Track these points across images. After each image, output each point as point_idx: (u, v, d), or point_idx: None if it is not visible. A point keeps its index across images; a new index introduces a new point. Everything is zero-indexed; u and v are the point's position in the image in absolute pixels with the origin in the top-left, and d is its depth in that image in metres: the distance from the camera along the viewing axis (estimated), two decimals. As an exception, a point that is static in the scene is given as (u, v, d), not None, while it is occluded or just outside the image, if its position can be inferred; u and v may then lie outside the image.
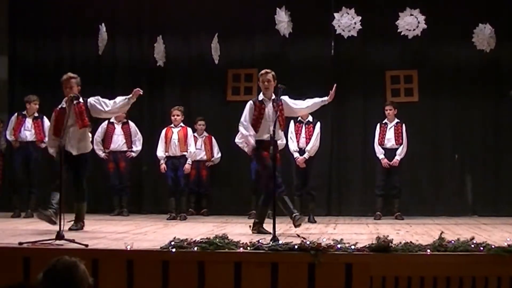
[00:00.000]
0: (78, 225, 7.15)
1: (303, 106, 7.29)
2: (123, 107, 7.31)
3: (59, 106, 7.23)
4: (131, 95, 7.11)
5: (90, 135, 7.63)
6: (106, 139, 9.74)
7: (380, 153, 9.56)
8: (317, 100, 7.27)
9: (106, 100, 7.25)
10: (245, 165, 9.70)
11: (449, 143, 10.23)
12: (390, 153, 9.54)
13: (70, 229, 6.86)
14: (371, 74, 10.24)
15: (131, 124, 9.88)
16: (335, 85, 7.20)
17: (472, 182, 10.15)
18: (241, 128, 7.17)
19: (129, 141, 9.82)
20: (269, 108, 7.06)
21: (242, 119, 7.15)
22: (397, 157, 9.50)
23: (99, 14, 10.21)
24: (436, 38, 9.92)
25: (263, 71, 7.18)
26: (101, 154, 9.66)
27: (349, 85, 10.23)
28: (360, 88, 10.28)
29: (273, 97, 7.09)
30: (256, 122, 7.09)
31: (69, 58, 10.59)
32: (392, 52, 10.20)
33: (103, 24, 9.91)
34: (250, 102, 7.27)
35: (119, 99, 7.22)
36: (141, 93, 7.18)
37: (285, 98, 7.17)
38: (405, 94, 10.16)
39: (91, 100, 7.23)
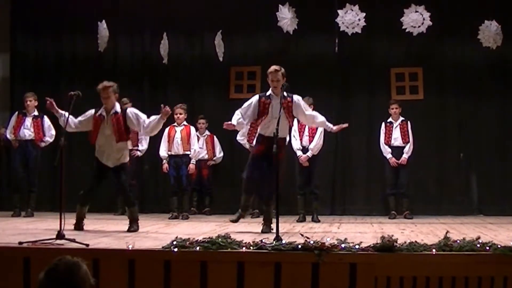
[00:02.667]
0: (133, 226, 7.11)
1: (312, 119, 7.34)
2: (155, 129, 7.15)
3: (98, 113, 7.08)
4: (160, 116, 6.95)
5: (129, 146, 7.54)
6: None
7: (387, 152, 9.51)
8: (324, 122, 7.39)
9: (142, 118, 7.09)
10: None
11: (454, 141, 10.16)
12: (397, 151, 9.48)
13: (128, 231, 6.94)
14: (376, 72, 10.18)
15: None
16: (346, 124, 7.44)
17: (478, 181, 10.08)
18: (235, 115, 7.24)
19: (135, 139, 9.70)
20: (274, 104, 7.01)
21: (241, 108, 7.22)
22: (405, 155, 9.45)
23: (101, 11, 10.17)
24: (442, 35, 9.85)
25: (272, 70, 7.10)
26: None
27: (353, 83, 10.19)
28: (364, 86, 10.22)
29: (282, 93, 7.04)
30: (259, 117, 7.09)
31: (70, 55, 10.56)
32: (397, 49, 10.14)
33: (103, 21, 9.87)
34: (256, 96, 7.28)
35: (151, 119, 7.07)
36: (170, 112, 7.05)
37: (300, 100, 7.20)
38: (410, 92, 10.11)
39: (129, 112, 7.10)
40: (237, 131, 9.56)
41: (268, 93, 7.15)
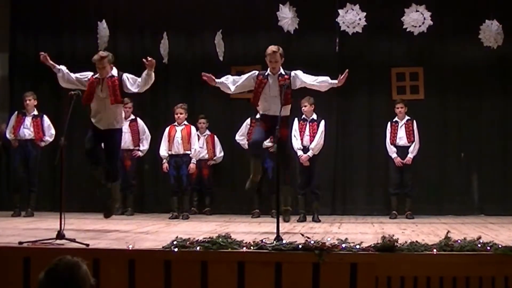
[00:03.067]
0: (113, 209, 7.17)
1: (313, 81, 7.19)
2: (148, 82, 7.11)
3: (95, 76, 7.10)
4: (146, 70, 6.95)
5: (123, 111, 7.54)
6: None
7: (392, 152, 9.49)
8: (327, 79, 7.18)
9: (138, 79, 7.12)
10: (247, 164, 9.60)
11: (455, 141, 10.14)
12: (402, 151, 9.46)
13: (107, 215, 7.07)
14: (376, 71, 10.16)
15: (139, 121, 9.73)
16: (347, 70, 7.10)
17: (479, 180, 10.05)
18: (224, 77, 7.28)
19: (136, 139, 9.69)
20: (271, 83, 6.98)
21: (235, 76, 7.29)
22: (410, 155, 9.43)
23: (101, 10, 10.16)
24: (442, 35, 9.83)
25: (270, 51, 7.02)
26: None
27: (354, 82, 10.10)
28: (365, 85, 10.19)
29: (280, 71, 7.02)
30: (255, 96, 7.07)
31: (70, 55, 10.53)
32: (397, 49, 10.11)
33: (103, 21, 9.85)
34: (255, 71, 7.23)
35: (140, 78, 7.10)
36: (153, 62, 6.98)
37: (297, 72, 7.13)
38: (411, 91, 10.08)
39: (125, 76, 7.14)
40: (236, 129, 9.58)
41: (266, 73, 7.10)
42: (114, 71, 7.16)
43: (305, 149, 8.98)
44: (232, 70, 10.28)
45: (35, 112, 9.43)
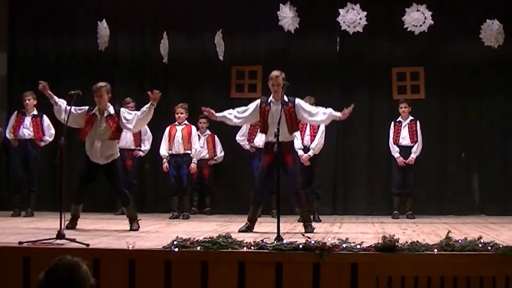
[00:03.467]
0: (134, 225, 7.19)
1: (317, 118, 7.32)
2: (146, 118, 7.27)
3: (92, 112, 7.19)
4: (150, 103, 7.10)
5: (118, 143, 7.63)
6: None
7: (395, 152, 9.47)
8: (331, 112, 7.27)
9: (130, 115, 7.28)
10: (248, 164, 9.62)
11: (455, 141, 10.12)
12: (405, 151, 9.44)
13: (131, 230, 7.04)
14: (377, 71, 10.15)
15: None
16: (352, 105, 7.23)
17: (480, 180, 10.04)
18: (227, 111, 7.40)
19: (138, 139, 9.67)
20: (275, 110, 7.05)
21: (237, 108, 7.37)
22: (413, 155, 9.41)
23: (101, 9, 10.14)
24: (443, 34, 9.81)
25: (273, 75, 7.15)
26: None
27: (355, 82, 10.15)
28: (365, 85, 10.18)
29: (283, 98, 7.07)
30: (263, 125, 7.18)
31: (70, 55, 10.53)
32: (398, 49, 10.10)
33: (103, 21, 9.83)
34: (259, 100, 7.34)
35: (140, 112, 7.28)
36: (160, 94, 7.16)
37: (301, 102, 7.23)
38: (412, 91, 10.06)
39: (122, 113, 7.27)
40: (236, 130, 9.57)
41: (269, 99, 7.18)
42: (111, 108, 7.26)
43: (306, 149, 8.97)
44: (232, 70, 10.31)
45: (35, 112, 9.40)
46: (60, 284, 2.67)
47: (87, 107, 7.23)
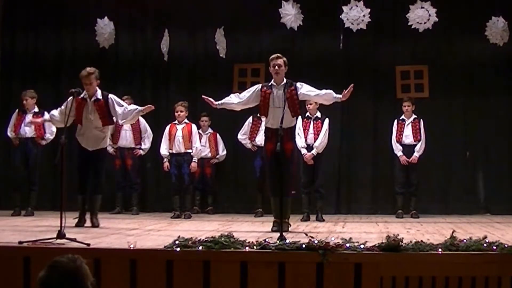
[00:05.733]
0: (95, 221, 7.28)
1: (320, 93, 7.17)
2: (132, 119, 7.53)
3: (81, 97, 7.25)
4: (142, 108, 7.31)
5: (109, 132, 7.74)
6: (114, 134, 9.48)
7: (398, 150, 9.42)
8: (332, 93, 7.13)
9: (123, 105, 7.38)
10: (251, 162, 9.59)
11: (460, 140, 10.08)
12: (408, 149, 9.39)
13: (93, 226, 7.14)
14: (381, 69, 10.11)
15: (141, 119, 9.62)
16: (352, 85, 7.04)
17: (485, 179, 9.99)
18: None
19: (137, 137, 9.64)
20: (276, 94, 6.98)
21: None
22: (416, 154, 9.36)
23: (101, 6, 10.10)
24: (448, 32, 9.77)
25: (274, 56, 7.10)
26: (110, 149, 9.42)
27: (358, 80, 10.04)
28: (369, 84, 10.13)
29: (284, 82, 6.98)
30: (263, 108, 7.08)
31: (70, 52, 10.49)
32: (402, 47, 10.05)
33: (105, 18, 9.79)
34: (258, 85, 7.29)
35: (131, 107, 7.45)
36: (153, 109, 7.39)
37: (301, 83, 7.12)
38: (416, 90, 10.02)
39: (111, 99, 7.35)
40: (239, 128, 9.53)
41: (270, 83, 7.12)
42: (99, 93, 7.33)
43: (309, 148, 8.92)
44: (234, 68, 10.26)
45: (36, 109, 9.35)
46: (60, 283, 2.66)
47: (71, 97, 7.07)
